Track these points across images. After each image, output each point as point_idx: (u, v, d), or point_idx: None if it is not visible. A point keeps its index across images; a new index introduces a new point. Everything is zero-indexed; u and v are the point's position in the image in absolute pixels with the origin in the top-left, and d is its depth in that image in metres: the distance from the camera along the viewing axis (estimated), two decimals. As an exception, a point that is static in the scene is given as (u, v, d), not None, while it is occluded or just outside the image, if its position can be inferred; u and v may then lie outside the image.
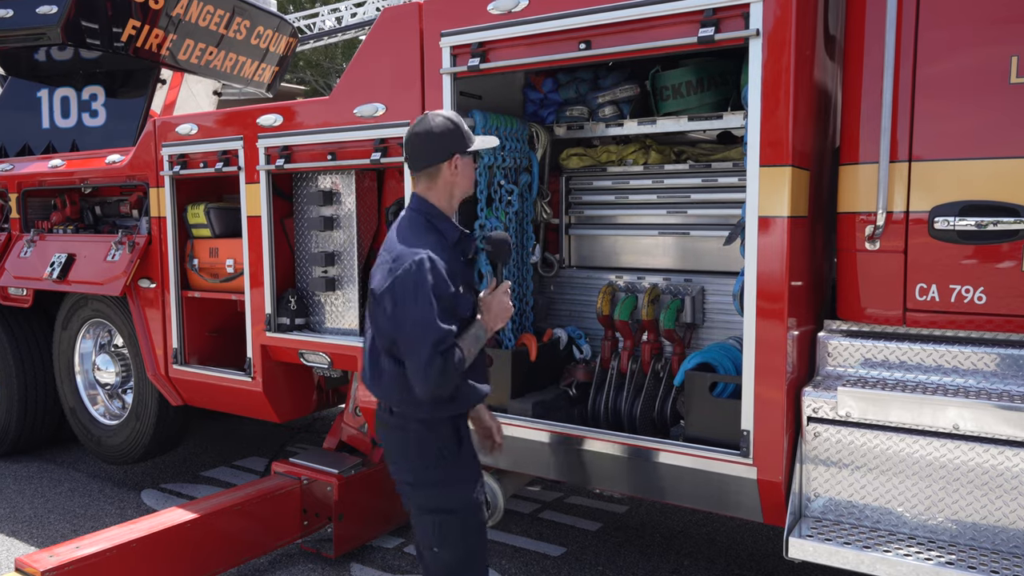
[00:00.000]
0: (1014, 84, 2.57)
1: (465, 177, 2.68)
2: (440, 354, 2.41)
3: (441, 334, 2.43)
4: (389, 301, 2.49)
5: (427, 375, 2.42)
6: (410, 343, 2.47)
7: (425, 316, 2.43)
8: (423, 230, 2.59)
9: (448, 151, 2.60)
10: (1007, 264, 2.65)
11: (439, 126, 2.62)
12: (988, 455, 2.58)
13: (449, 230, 2.65)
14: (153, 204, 4.89)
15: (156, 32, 6.46)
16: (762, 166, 2.78)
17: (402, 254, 2.50)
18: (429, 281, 2.44)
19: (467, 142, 2.64)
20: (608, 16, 3.00)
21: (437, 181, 2.64)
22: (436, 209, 2.65)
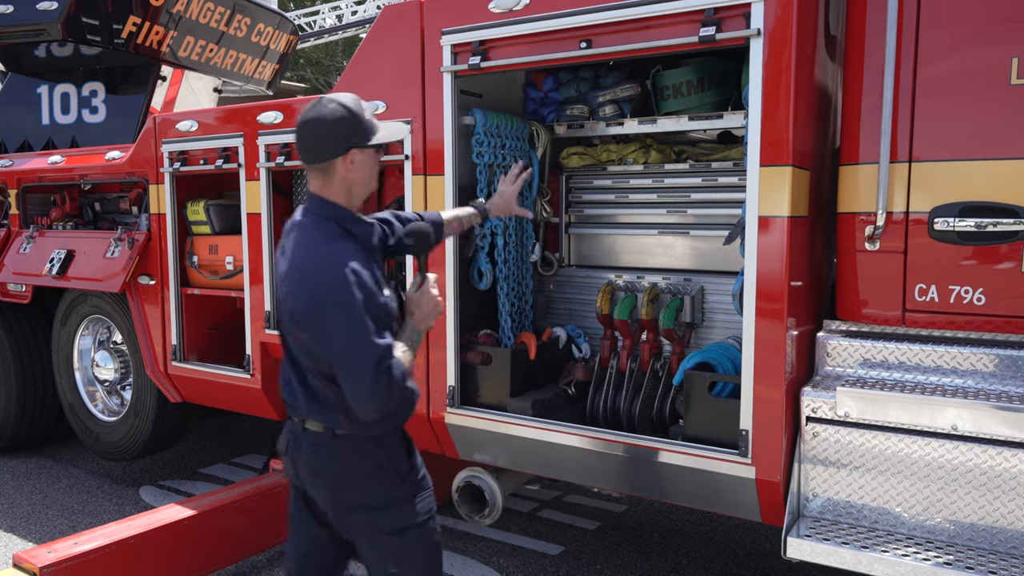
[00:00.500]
0: (1015, 85, 2.57)
1: (365, 173, 2.35)
2: (383, 374, 2.16)
3: (380, 352, 2.16)
4: (315, 325, 2.20)
5: (372, 398, 2.17)
6: (349, 368, 2.18)
7: (360, 337, 2.15)
8: (336, 237, 2.27)
9: (343, 145, 2.27)
10: (1006, 265, 2.66)
11: (332, 114, 2.27)
12: (986, 456, 2.58)
13: (363, 232, 2.36)
14: (153, 201, 4.89)
15: (156, 29, 6.46)
16: (762, 166, 2.78)
17: (320, 270, 2.20)
18: (358, 297, 2.15)
19: (367, 133, 2.30)
20: (609, 15, 3.00)
21: (332, 178, 2.31)
22: (344, 210, 2.33)
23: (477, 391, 3.65)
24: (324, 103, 2.29)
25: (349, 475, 2.37)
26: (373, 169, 2.40)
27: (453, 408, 3.61)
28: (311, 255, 2.25)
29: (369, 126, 2.32)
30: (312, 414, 2.35)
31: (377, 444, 2.36)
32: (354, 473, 2.37)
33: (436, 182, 3.56)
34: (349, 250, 2.23)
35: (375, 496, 2.38)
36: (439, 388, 3.64)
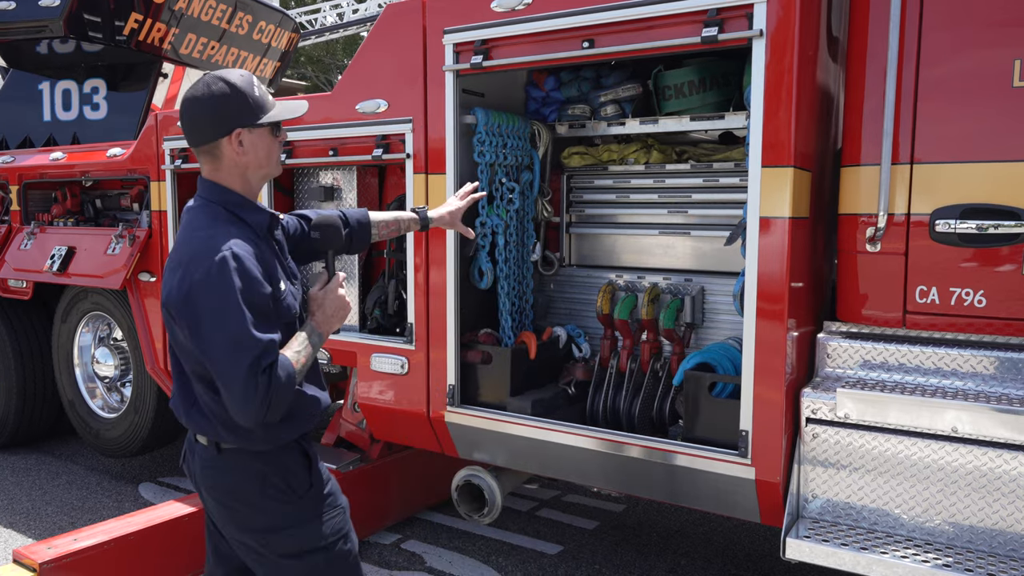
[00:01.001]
0: (1017, 87, 2.57)
1: (260, 155, 2.14)
2: (263, 372, 1.95)
3: (260, 348, 1.95)
4: (187, 315, 1.98)
5: (248, 401, 1.94)
6: (222, 365, 1.96)
7: (236, 329, 1.94)
8: (222, 221, 2.08)
9: (227, 125, 2.07)
10: (1007, 267, 2.66)
11: (215, 93, 2.06)
12: (986, 458, 2.58)
13: (257, 218, 2.15)
14: (154, 198, 4.89)
15: (158, 26, 6.46)
16: (764, 167, 2.78)
17: (197, 254, 1.99)
18: (236, 284, 1.95)
19: (255, 112, 2.09)
20: (611, 15, 3.00)
21: (221, 162, 2.12)
22: (235, 195, 2.14)
23: (477, 390, 3.65)
24: (208, 80, 2.09)
25: (238, 493, 2.16)
26: (271, 151, 2.18)
27: (453, 407, 3.61)
28: (190, 240, 2.04)
29: (258, 104, 2.10)
30: (193, 425, 2.18)
31: (266, 460, 2.15)
32: (243, 491, 2.15)
33: (437, 181, 3.56)
34: (233, 234, 2.03)
35: (267, 516, 2.17)
36: (439, 387, 3.64)
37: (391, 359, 3.81)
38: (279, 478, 2.16)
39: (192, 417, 2.17)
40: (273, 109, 2.15)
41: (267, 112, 2.13)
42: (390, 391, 3.85)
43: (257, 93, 2.11)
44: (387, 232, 2.77)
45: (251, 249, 2.04)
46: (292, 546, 2.19)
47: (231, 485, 2.16)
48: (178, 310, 2.00)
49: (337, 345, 4.09)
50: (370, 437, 4.41)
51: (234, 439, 2.12)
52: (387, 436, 4.15)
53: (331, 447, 4.58)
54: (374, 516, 4.45)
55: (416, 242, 3.66)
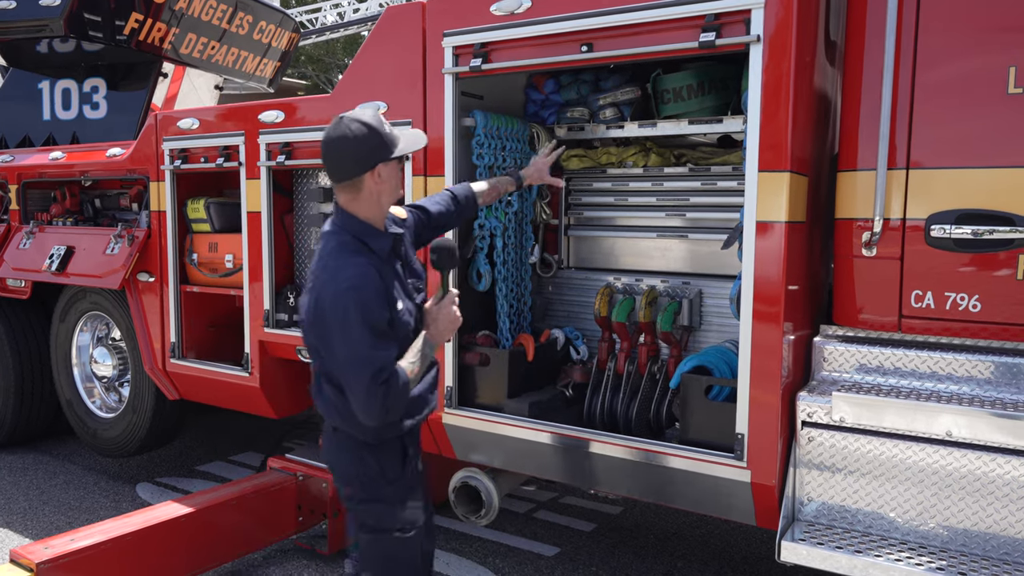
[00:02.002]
0: (1012, 94, 2.59)
1: (392, 183, 2.47)
2: (381, 384, 2.28)
3: (378, 364, 2.28)
4: (318, 334, 2.37)
5: (369, 407, 2.30)
6: (347, 377, 2.33)
7: (357, 350, 2.27)
8: (350, 251, 2.38)
9: (369, 161, 2.37)
10: (1002, 272, 2.67)
11: (356, 133, 2.36)
12: (980, 462, 2.60)
13: (380, 243, 2.45)
14: (153, 198, 4.90)
15: (159, 26, 6.47)
16: (761, 171, 2.79)
17: (326, 284, 2.33)
18: (358, 312, 2.27)
19: (390, 148, 2.41)
20: (611, 19, 3.02)
21: (361, 193, 2.40)
22: (363, 224, 2.43)
23: (475, 392, 3.66)
24: (346, 123, 2.38)
25: (343, 467, 2.57)
26: (398, 177, 2.53)
27: (451, 409, 3.62)
28: (323, 269, 2.39)
29: (391, 139, 2.42)
30: (319, 408, 2.57)
31: (372, 448, 2.50)
32: (347, 465, 2.55)
33: (436, 183, 3.57)
34: (360, 264, 2.34)
35: (361, 490, 2.55)
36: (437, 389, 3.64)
37: (389, 360, 3.82)
38: (375, 462, 2.51)
39: (318, 403, 2.57)
40: (402, 143, 2.46)
41: (397, 146, 2.43)
42: (388, 392, 3.85)
43: (387, 130, 2.43)
44: (489, 199, 3.14)
45: (373, 276, 2.34)
46: (370, 519, 2.56)
47: (339, 460, 2.58)
48: (312, 330, 2.41)
49: (335, 346, 4.09)
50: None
51: (347, 427, 2.50)
52: (385, 437, 4.16)
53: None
54: (371, 517, 4.46)
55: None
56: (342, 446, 2.55)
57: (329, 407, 2.51)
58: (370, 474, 2.51)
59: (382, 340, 2.32)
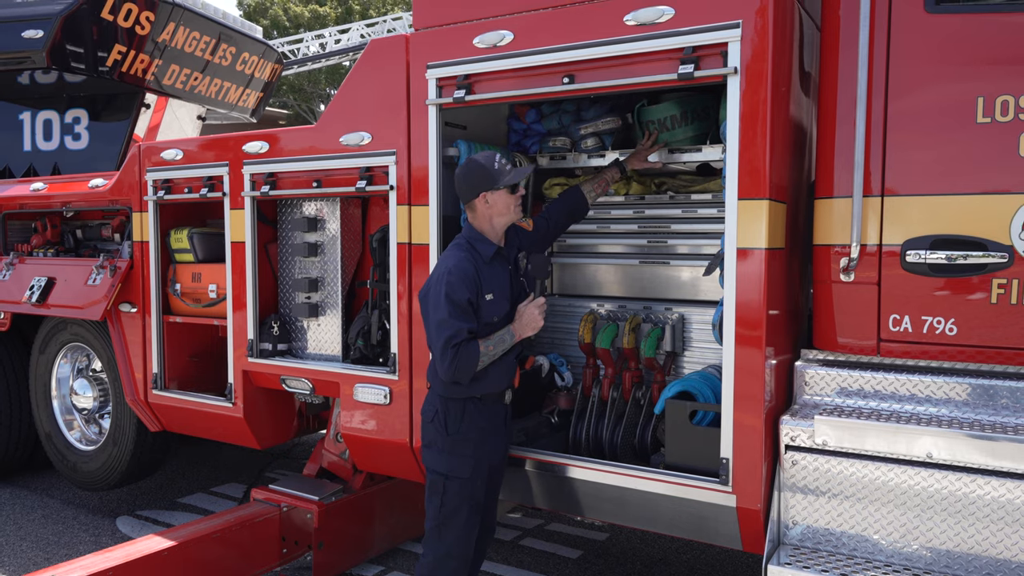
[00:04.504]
0: (980, 123, 2.67)
1: (500, 207, 3.11)
2: (452, 347, 2.93)
3: (452, 331, 2.94)
4: (424, 305, 3.10)
5: (443, 363, 2.97)
6: (431, 338, 3.04)
7: (440, 317, 2.97)
8: (459, 248, 3.10)
9: (476, 190, 3.08)
10: (976, 296, 2.73)
11: (471, 167, 3.12)
12: (961, 483, 2.63)
13: (484, 248, 3.13)
14: (136, 228, 4.89)
15: (142, 57, 6.50)
16: (740, 199, 2.85)
17: (436, 268, 3.13)
18: (445, 289, 2.97)
19: (495, 180, 3.07)
20: (592, 52, 3.08)
21: (476, 212, 3.14)
22: (476, 232, 3.16)
23: (460, 420, 3.65)
24: (469, 159, 3.17)
25: (424, 414, 3.21)
26: (508, 203, 3.13)
27: (436, 437, 3.61)
28: (440, 261, 3.14)
29: (497, 175, 3.08)
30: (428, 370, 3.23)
31: (442, 402, 3.12)
32: (425, 414, 3.20)
33: (420, 212, 3.60)
34: (461, 258, 3.05)
35: (428, 434, 3.16)
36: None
37: (374, 389, 3.82)
38: (440, 413, 3.12)
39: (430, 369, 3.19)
40: (506, 177, 3.09)
41: (504, 178, 3.08)
42: (373, 421, 3.85)
43: (497, 167, 3.10)
44: (600, 193, 3.62)
45: (467, 267, 3.03)
46: (431, 461, 3.16)
47: (424, 409, 3.22)
48: (422, 302, 3.13)
49: (320, 375, 4.10)
50: (353, 467, 4.40)
51: (434, 383, 3.16)
52: (370, 466, 4.14)
53: (313, 478, 4.56)
54: (356, 548, 4.42)
55: (400, 271, 3.69)
56: (428, 399, 3.20)
57: (429, 367, 3.19)
58: (437, 424, 3.11)
59: (461, 314, 2.97)
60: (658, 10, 2.94)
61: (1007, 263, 2.66)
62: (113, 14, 6.15)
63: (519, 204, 3.19)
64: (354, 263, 4.29)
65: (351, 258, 4.26)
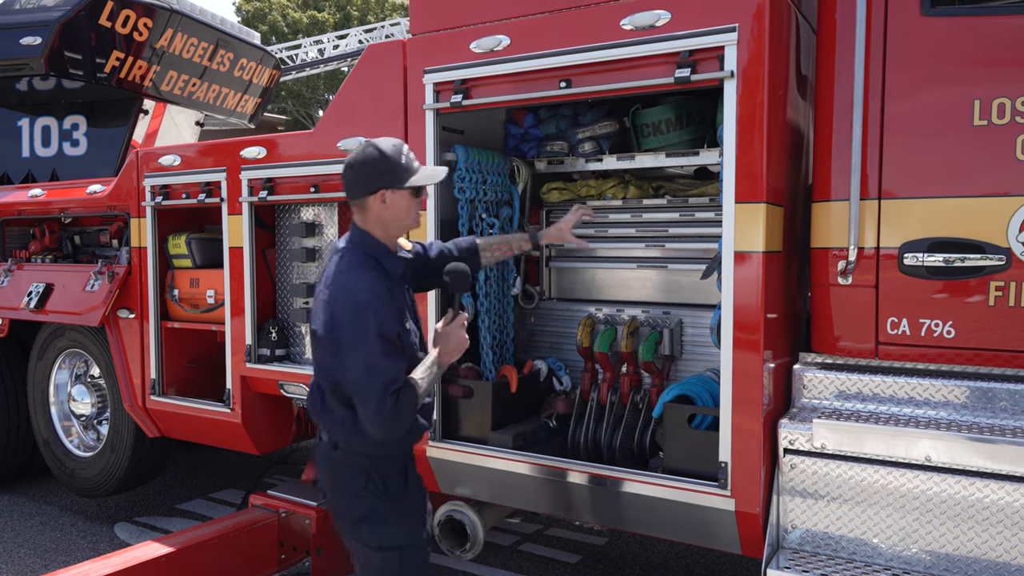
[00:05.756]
0: (977, 126, 2.67)
1: (399, 211, 2.52)
2: (392, 395, 2.33)
3: (390, 375, 2.35)
4: (331, 343, 2.40)
5: (379, 419, 2.35)
6: (358, 388, 2.37)
7: (371, 358, 2.34)
8: (361, 265, 2.47)
9: (374, 185, 2.48)
10: (974, 299, 2.73)
11: (368, 156, 2.49)
12: (960, 486, 2.63)
13: (392, 264, 2.55)
14: (134, 234, 4.89)
15: (140, 64, 6.50)
16: (738, 203, 2.85)
17: (343, 295, 2.40)
18: (373, 320, 2.35)
19: (400, 176, 2.48)
20: (588, 56, 3.08)
21: (368, 214, 2.52)
22: (376, 242, 2.53)
23: (459, 424, 3.65)
24: (366, 146, 2.51)
25: (345, 485, 2.57)
26: (409, 209, 2.55)
27: (435, 442, 3.61)
28: (337, 279, 2.44)
29: (402, 169, 2.49)
30: (322, 424, 2.61)
31: (373, 461, 2.54)
32: (349, 484, 2.56)
33: (418, 217, 3.60)
34: (372, 278, 2.43)
35: (363, 508, 2.55)
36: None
37: (372, 394, 3.81)
38: (378, 478, 2.54)
39: (322, 418, 2.59)
40: (416, 175, 2.51)
41: (412, 176, 2.50)
42: (371, 426, 3.84)
43: (403, 160, 2.50)
44: (498, 255, 3.11)
45: (385, 292, 2.42)
46: (376, 539, 2.56)
47: (338, 477, 2.57)
48: (325, 340, 2.43)
49: (318, 380, 4.08)
50: (351, 473, 4.38)
51: (349, 442, 2.53)
52: (368, 472, 4.13)
53: (311, 483, 4.54)
54: (355, 553, 4.40)
55: (397, 277, 3.69)
56: (345, 461, 2.56)
57: (335, 424, 2.54)
58: (375, 490, 2.54)
59: (395, 352, 2.40)
60: (655, 14, 2.95)
61: (1004, 265, 2.66)
62: (111, 20, 6.15)
63: (419, 213, 2.64)
64: (352, 268, 4.29)
65: (349, 263, 4.26)
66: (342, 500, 2.60)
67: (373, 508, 2.54)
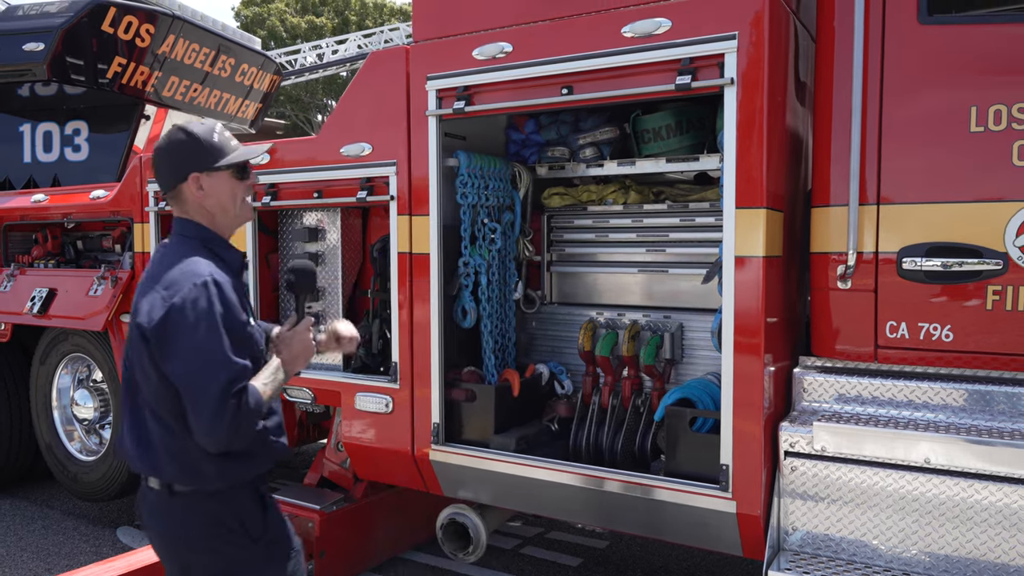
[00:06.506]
0: (973, 132, 2.71)
1: (222, 197, 2.20)
2: (234, 396, 1.96)
3: (235, 371, 2.00)
4: (164, 336, 2.00)
5: (217, 420, 1.94)
6: (196, 383, 1.97)
7: (214, 350, 1.98)
8: (200, 252, 2.14)
9: (183, 170, 2.16)
10: (972, 303, 2.76)
11: (174, 141, 2.19)
12: (958, 488, 2.66)
13: (230, 256, 2.24)
14: (137, 239, 4.91)
15: (142, 69, 6.53)
16: (738, 208, 2.88)
17: (178, 279, 2.03)
18: (217, 308, 2.01)
19: (211, 157, 2.17)
20: (590, 63, 3.12)
21: (186, 205, 2.20)
22: (211, 233, 2.21)
23: (461, 428, 3.68)
24: (172, 131, 2.20)
25: (190, 539, 2.12)
26: (234, 194, 2.22)
27: (438, 445, 3.64)
28: (169, 265, 2.08)
29: (215, 149, 2.17)
30: (145, 466, 2.13)
31: (221, 500, 2.11)
32: (194, 536, 2.11)
33: (421, 222, 3.63)
34: (211, 264, 2.10)
35: (219, 562, 2.13)
36: (424, 425, 3.67)
37: (376, 398, 3.84)
38: (234, 519, 2.13)
39: (144, 458, 2.12)
40: (233, 152, 2.20)
41: (226, 155, 2.19)
42: (375, 430, 3.87)
43: (216, 139, 2.19)
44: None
45: (228, 279, 2.11)
46: None
47: (182, 530, 2.12)
48: (157, 332, 2.02)
49: (321, 385, 4.11)
50: (354, 476, 4.41)
51: (188, 478, 2.09)
52: (371, 475, 4.16)
53: (314, 487, 4.56)
54: (358, 557, 4.42)
55: (400, 280, 3.72)
56: (185, 511, 2.10)
57: (158, 455, 2.08)
58: (230, 537, 2.11)
59: (239, 347, 2.05)
60: (655, 22, 2.98)
61: (1001, 270, 2.69)
62: (113, 27, 6.19)
63: (249, 198, 2.29)
64: (354, 273, 4.32)
65: (351, 268, 4.29)
66: (190, 559, 2.14)
67: (234, 559, 2.13)
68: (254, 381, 2.08)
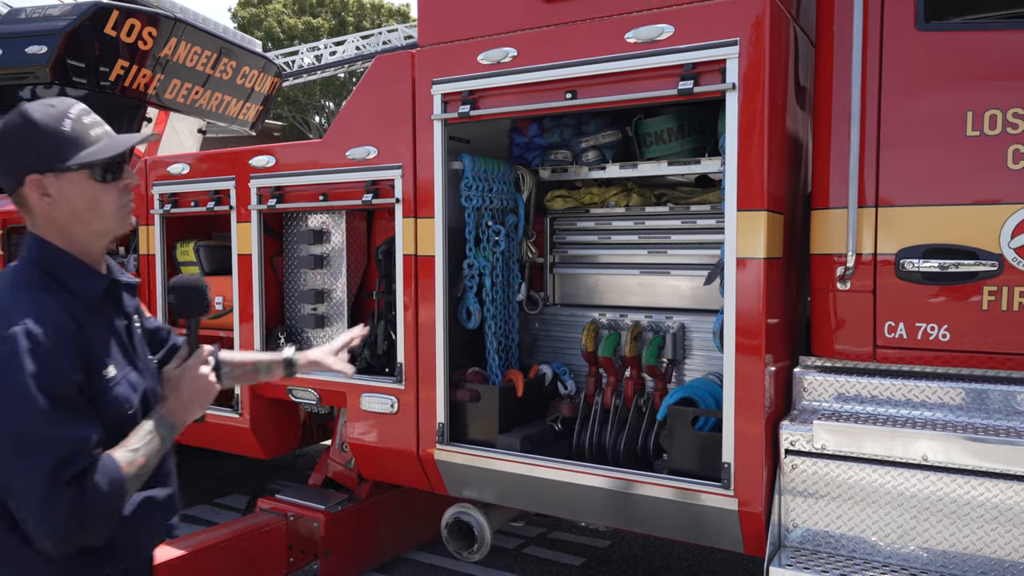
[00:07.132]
0: (970, 137, 2.77)
1: (77, 206, 1.67)
2: (70, 482, 1.49)
3: (63, 451, 1.50)
4: None
5: (50, 521, 1.49)
6: (12, 475, 1.52)
7: (28, 428, 1.50)
8: (35, 287, 1.63)
9: (19, 172, 1.64)
10: (968, 303, 2.82)
11: (7, 130, 1.65)
12: (955, 485, 2.72)
13: (82, 282, 1.69)
14: (142, 242, 4.95)
15: (144, 72, 6.56)
16: (739, 210, 2.94)
17: None
18: (29, 369, 1.50)
19: (57, 153, 1.63)
20: (594, 68, 3.17)
21: (33, 215, 1.68)
22: (61, 255, 1.68)
23: (466, 428, 3.73)
24: (11, 113, 1.67)
25: None
26: (98, 202, 1.69)
27: (442, 445, 3.68)
28: None
29: (65, 141, 1.64)
30: None
31: None
32: None
33: (426, 224, 3.68)
34: (43, 304, 1.59)
35: None
36: (428, 426, 3.72)
37: (381, 399, 3.88)
38: None
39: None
40: (92, 147, 1.66)
41: (84, 150, 1.65)
42: (380, 430, 3.91)
43: (68, 128, 1.65)
44: (240, 375, 2.26)
45: (62, 323, 1.59)
46: None
47: None
48: None
49: (327, 386, 4.15)
50: (358, 477, 4.45)
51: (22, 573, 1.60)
52: (376, 475, 4.20)
53: (319, 487, 4.61)
54: (363, 557, 4.47)
55: (406, 282, 3.76)
56: None
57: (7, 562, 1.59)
58: None
59: (71, 415, 1.55)
60: (658, 28, 3.04)
61: (997, 271, 2.75)
62: (116, 30, 6.22)
63: (127, 204, 1.76)
64: (359, 274, 4.37)
65: (356, 270, 4.34)
66: None
67: None
68: (116, 451, 1.60)
